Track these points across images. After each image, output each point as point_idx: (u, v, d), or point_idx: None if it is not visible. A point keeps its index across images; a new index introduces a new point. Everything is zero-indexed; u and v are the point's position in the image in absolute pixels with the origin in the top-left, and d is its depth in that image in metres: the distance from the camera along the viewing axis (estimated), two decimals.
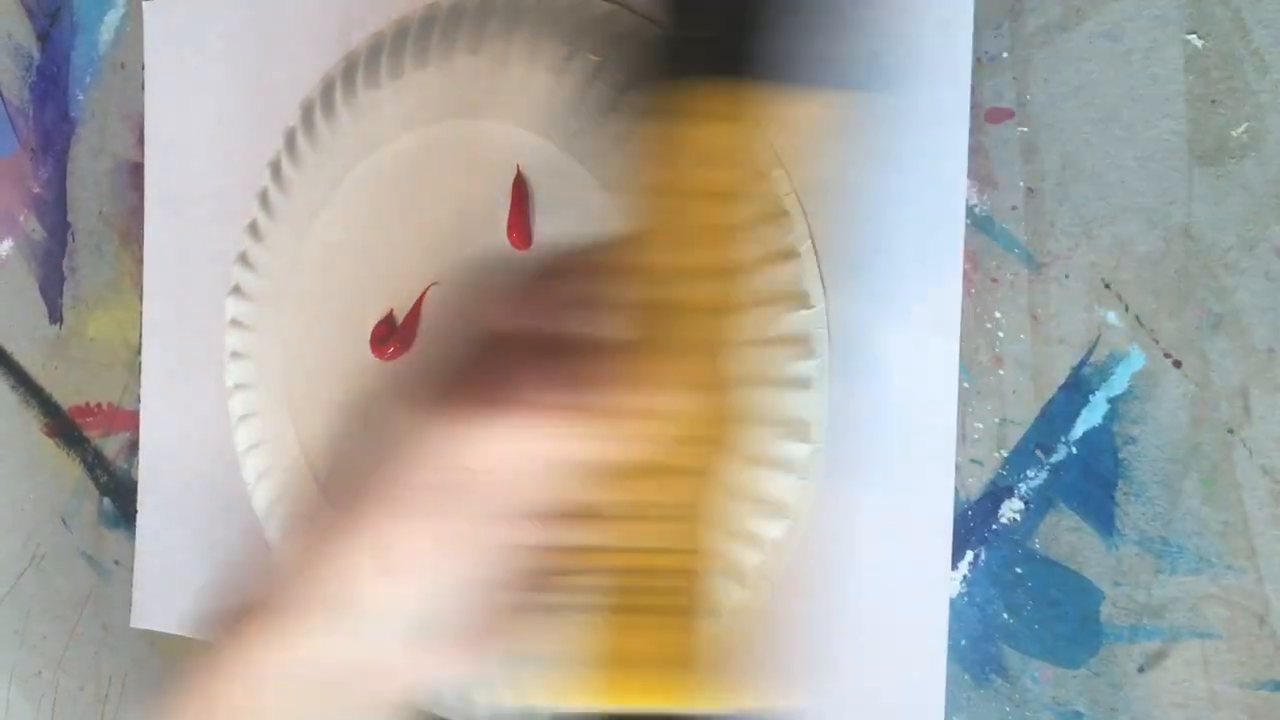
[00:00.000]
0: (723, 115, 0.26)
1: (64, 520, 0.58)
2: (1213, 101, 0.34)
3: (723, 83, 0.26)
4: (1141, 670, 0.36)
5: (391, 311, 0.44)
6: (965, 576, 0.38)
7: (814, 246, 0.39)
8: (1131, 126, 0.35)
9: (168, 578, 0.54)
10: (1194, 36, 0.34)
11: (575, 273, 0.28)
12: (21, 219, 0.57)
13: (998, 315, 0.37)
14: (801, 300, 0.39)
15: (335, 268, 0.45)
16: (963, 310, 0.37)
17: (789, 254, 0.39)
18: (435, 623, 0.26)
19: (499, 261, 0.38)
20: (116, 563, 0.56)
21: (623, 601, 0.27)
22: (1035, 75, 0.36)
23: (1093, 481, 0.36)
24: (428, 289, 0.43)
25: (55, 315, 0.57)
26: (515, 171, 0.41)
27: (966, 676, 0.38)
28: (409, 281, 0.44)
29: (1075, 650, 0.37)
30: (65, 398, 0.58)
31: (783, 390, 0.39)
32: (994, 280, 0.37)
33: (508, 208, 0.41)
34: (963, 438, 0.38)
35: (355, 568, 0.25)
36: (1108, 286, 0.36)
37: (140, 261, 0.54)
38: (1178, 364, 0.35)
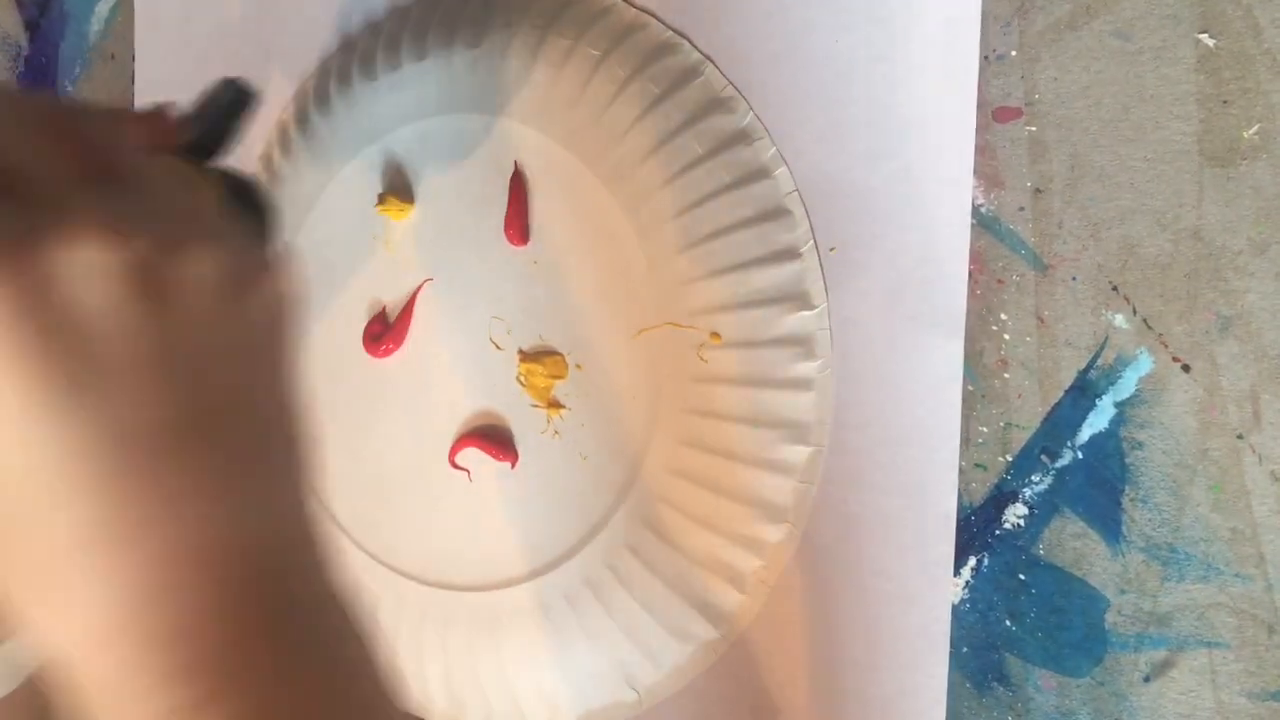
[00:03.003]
0: None
1: None
2: (1224, 102, 0.34)
3: None
4: (1147, 680, 0.35)
5: (385, 309, 0.43)
6: (968, 582, 0.37)
7: (816, 246, 0.39)
8: (1141, 127, 0.35)
9: None
10: (1205, 35, 0.34)
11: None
12: None
13: (1004, 317, 0.37)
14: (803, 300, 0.38)
15: (328, 264, 0.44)
16: (968, 312, 0.37)
17: (791, 253, 0.38)
18: None
19: None
20: None
21: None
22: (1044, 74, 0.36)
23: (1099, 487, 0.36)
24: (421, 286, 0.42)
25: None
26: (513, 167, 0.41)
27: (968, 684, 0.37)
28: (403, 278, 0.43)
29: (1079, 659, 0.36)
30: None
31: (783, 392, 0.38)
32: (1000, 281, 0.37)
33: (505, 203, 0.41)
34: (967, 441, 0.37)
35: None
36: (1115, 289, 0.35)
37: None
38: (1186, 368, 0.35)
